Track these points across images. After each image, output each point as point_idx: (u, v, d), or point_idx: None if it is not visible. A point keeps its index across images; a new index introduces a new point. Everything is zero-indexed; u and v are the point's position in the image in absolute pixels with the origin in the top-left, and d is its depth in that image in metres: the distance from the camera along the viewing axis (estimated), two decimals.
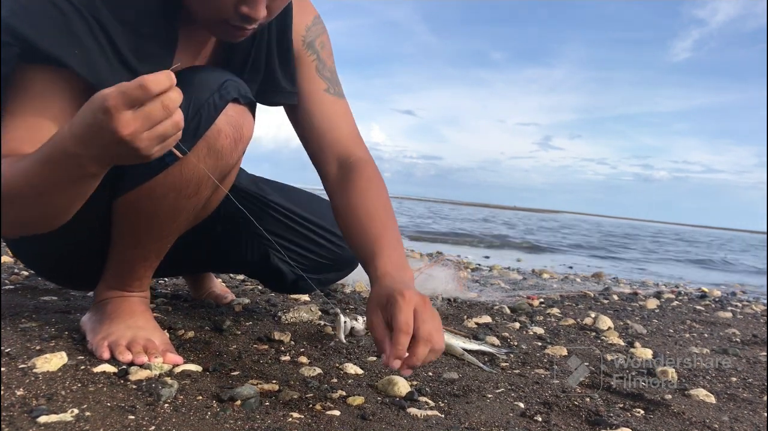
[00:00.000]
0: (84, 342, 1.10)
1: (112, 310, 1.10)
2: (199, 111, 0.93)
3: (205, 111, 0.94)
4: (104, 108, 0.73)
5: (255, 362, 1.15)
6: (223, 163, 1.00)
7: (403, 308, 0.87)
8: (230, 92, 0.97)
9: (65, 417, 0.77)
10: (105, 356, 1.01)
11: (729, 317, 2.58)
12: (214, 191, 1.07)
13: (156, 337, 1.08)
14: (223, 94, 0.96)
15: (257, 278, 1.53)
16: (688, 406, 1.17)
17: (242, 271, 1.54)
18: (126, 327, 1.07)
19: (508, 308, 2.11)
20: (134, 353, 1.02)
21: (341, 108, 1.22)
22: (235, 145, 1.00)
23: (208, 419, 0.84)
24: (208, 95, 0.94)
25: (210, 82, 0.95)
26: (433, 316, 0.91)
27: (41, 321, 1.21)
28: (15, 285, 1.65)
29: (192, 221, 1.11)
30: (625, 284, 3.71)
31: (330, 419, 0.89)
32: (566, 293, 2.80)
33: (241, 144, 1.02)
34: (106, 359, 1.01)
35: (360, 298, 1.98)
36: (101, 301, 1.13)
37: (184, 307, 1.54)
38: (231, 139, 0.98)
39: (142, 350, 1.03)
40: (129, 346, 1.03)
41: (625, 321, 2.12)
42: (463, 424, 0.95)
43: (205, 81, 0.95)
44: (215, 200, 1.14)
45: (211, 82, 0.95)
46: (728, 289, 4.45)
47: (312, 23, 1.22)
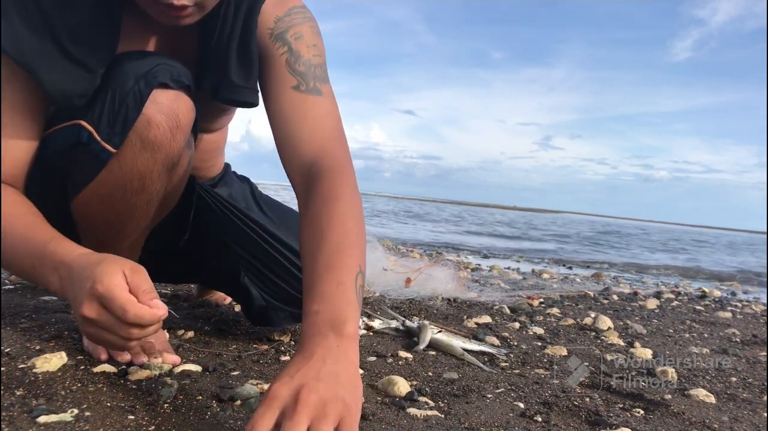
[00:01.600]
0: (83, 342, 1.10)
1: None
2: (124, 101, 0.87)
3: (131, 101, 0.87)
4: (93, 282, 0.76)
5: (255, 362, 1.15)
6: (163, 155, 0.93)
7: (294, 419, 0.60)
8: (158, 77, 0.88)
9: (65, 417, 0.77)
10: (103, 357, 1.01)
11: (729, 317, 2.58)
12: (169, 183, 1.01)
13: (153, 336, 1.06)
14: (149, 80, 0.87)
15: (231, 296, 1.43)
16: (688, 406, 1.17)
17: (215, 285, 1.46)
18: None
19: (508, 308, 2.11)
20: (133, 353, 1.01)
21: (311, 107, 0.99)
22: (172, 133, 0.91)
23: (208, 419, 0.84)
24: (133, 83, 0.87)
25: (137, 68, 0.88)
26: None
27: (41, 321, 1.21)
28: (15, 285, 1.65)
29: (154, 215, 1.06)
30: (625, 284, 3.71)
31: None
32: (566, 293, 2.80)
33: (179, 132, 0.92)
34: (104, 360, 1.00)
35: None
36: None
37: (184, 307, 1.54)
38: (165, 128, 0.90)
39: (141, 350, 1.02)
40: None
41: (624, 321, 2.12)
42: (463, 424, 0.95)
43: (131, 68, 0.88)
44: (173, 191, 1.07)
45: (138, 68, 0.88)
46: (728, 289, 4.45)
47: (284, 14, 1.04)
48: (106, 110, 0.87)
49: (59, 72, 0.84)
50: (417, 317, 1.71)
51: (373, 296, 2.02)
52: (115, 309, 0.75)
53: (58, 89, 0.85)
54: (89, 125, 0.88)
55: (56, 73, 0.84)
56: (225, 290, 1.41)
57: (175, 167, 0.99)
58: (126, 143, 0.89)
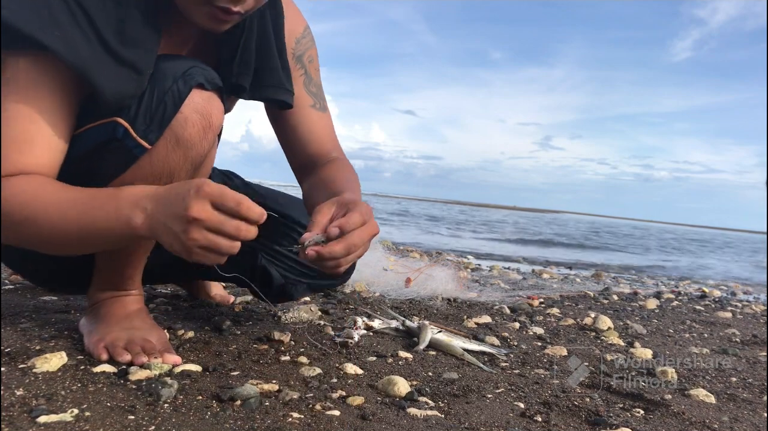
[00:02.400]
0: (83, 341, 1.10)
1: (106, 312, 1.10)
2: (163, 99, 0.91)
3: (170, 99, 0.91)
4: (198, 186, 0.80)
5: (255, 362, 1.15)
6: (194, 153, 0.97)
7: (356, 215, 0.90)
8: (195, 78, 0.93)
9: (65, 417, 0.77)
10: (103, 357, 1.01)
11: (729, 317, 2.58)
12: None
13: (153, 337, 1.07)
14: (187, 80, 0.92)
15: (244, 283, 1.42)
16: (688, 406, 1.17)
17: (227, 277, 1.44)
18: (121, 329, 1.06)
19: (508, 308, 2.11)
20: (133, 354, 1.01)
21: (324, 122, 1.25)
22: (204, 133, 0.96)
23: (208, 419, 0.84)
24: (171, 83, 0.91)
25: (174, 69, 0.93)
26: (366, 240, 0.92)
27: (41, 321, 1.21)
28: (15, 285, 1.65)
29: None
30: (625, 284, 3.72)
31: (330, 419, 0.89)
32: (566, 293, 2.80)
33: (210, 132, 0.97)
34: (104, 359, 1.01)
35: (360, 298, 1.98)
36: (95, 304, 1.12)
37: (184, 307, 1.54)
38: (199, 127, 0.95)
39: (141, 350, 1.02)
40: (126, 347, 1.02)
41: (624, 321, 2.12)
42: (463, 424, 0.95)
43: (168, 68, 0.92)
44: None
45: (175, 69, 0.93)
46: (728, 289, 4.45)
47: (302, 35, 1.22)
48: (143, 107, 0.90)
49: (113, 76, 0.87)
50: (417, 317, 1.71)
51: (373, 296, 2.02)
52: (228, 202, 0.80)
53: (113, 93, 0.87)
54: (125, 122, 0.90)
55: (110, 77, 0.87)
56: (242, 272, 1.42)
57: (200, 166, 1.02)
58: (161, 140, 0.92)
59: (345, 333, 1.36)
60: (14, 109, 0.85)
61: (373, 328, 1.48)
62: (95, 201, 0.86)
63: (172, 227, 0.81)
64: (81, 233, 0.86)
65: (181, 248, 0.82)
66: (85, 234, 0.86)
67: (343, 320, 1.57)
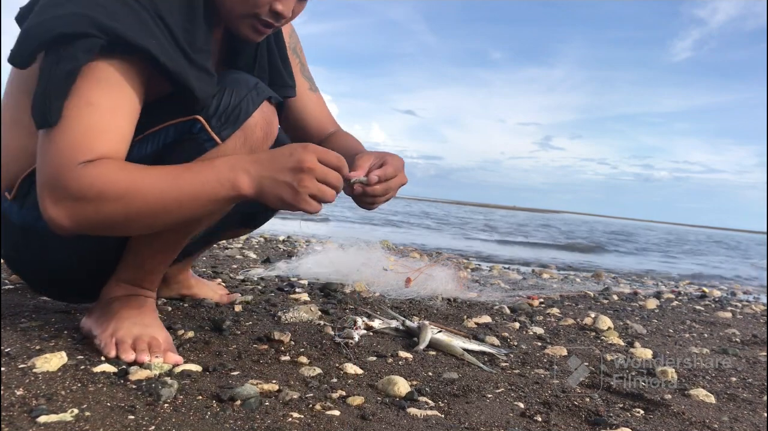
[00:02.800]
0: (83, 341, 1.10)
1: (120, 307, 1.12)
2: (240, 104, 1.03)
3: (245, 104, 1.04)
4: (304, 146, 0.96)
5: (255, 362, 1.15)
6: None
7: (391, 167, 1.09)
8: (265, 92, 1.08)
9: (65, 416, 0.78)
10: (112, 353, 1.03)
11: (729, 317, 2.58)
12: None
13: (160, 336, 1.09)
14: (259, 92, 1.06)
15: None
16: (688, 406, 1.17)
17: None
18: (132, 324, 1.09)
19: (508, 308, 2.11)
20: (138, 350, 1.03)
21: (320, 101, 1.45)
22: (266, 139, 1.08)
23: (208, 419, 0.84)
24: (246, 92, 1.05)
25: (247, 81, 1.07)
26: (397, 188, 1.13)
27: (41, 321, 1.21)
28: (15, 285, 1.65)
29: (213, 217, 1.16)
30: (625, 284, 3.72)
31: (330, 419, 0.89)
32: (566, 293, 2.80)
33: (269, 140, 1.10)
34: (112, 356, 1.02)
35: (360, 298, 1.98)
36: (110, 299, 1.14)
37: (184, 307, 1.54)
38: (264, 133, 1.07)
39: (146, 347, 1.04)
40: (134, 343, 1.05)
41: (624, 321, 2.12)
42: (463, 424, 0.95)
43: (243, 80, 1.07)
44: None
45: (248, 81, 1.07)
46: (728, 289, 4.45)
47: (291, 31, 1.41)
48: (220, 108, 1.02)
49: (198, 80, 0.99)
50: (417, 317, 1.71)
51: (373, 296, 2.02)
52: (331, 157, 0.97)
53: (203, 94, 1.00)
54: (204, 119, 1.02)
55: (197, 80, 0.99)
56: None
57: None
58: (231, 138, 1.03)
59: (345, 333, 1.37)
60: (101, 102, 0.92)
61: (373, 328, 1.48)
62: (188, 172, 0.95)
63: (285, 179, 0.94)
64: (180, 200, 0.94)
65: (292, 196, 0.94)
66: (185, 200, 0.94)
67: (343, 321, 1.57)
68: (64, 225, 0.91)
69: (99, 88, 0.92)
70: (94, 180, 0.89)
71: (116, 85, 0.94)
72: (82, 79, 0.90)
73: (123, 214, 0.92)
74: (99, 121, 0.92)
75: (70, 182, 0.89)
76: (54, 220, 0.90)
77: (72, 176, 0.88)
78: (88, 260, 1.14)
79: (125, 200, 0.91)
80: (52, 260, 1.12)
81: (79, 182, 0.89)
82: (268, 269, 2.41)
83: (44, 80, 0.90)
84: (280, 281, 2.17)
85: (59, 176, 0.89)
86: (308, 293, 1.95)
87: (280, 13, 1.05)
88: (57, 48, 0.89)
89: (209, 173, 0.95)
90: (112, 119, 0.93)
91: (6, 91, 1.13)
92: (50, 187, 0.90)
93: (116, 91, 0.94)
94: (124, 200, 0.91)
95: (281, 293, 1.94)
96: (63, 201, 0.89)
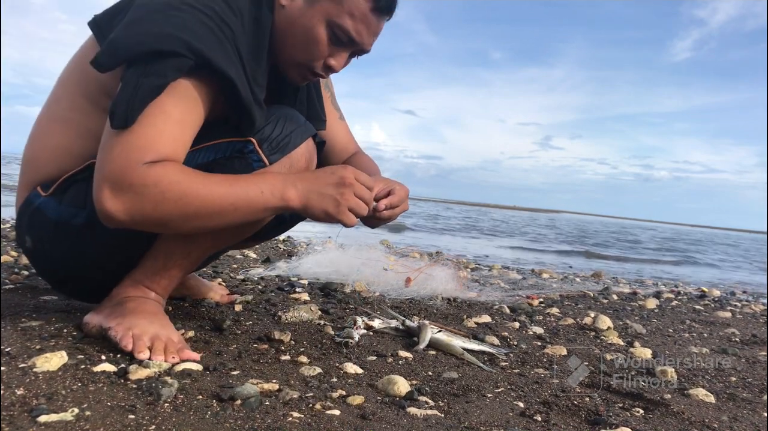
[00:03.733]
0: (84, 340, 1.10)
1: (134, 307, 1.14)
2: (290, 134, 1.15)
3: (294, 137, 1.16)
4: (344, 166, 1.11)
5: (255, 361, 1.15)
6: None
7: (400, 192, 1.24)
8: (311, 130, 1.20)
9: (65, 416, 0.78)
10: (129, 346, 1.05)
11: (728, 317, 2.58)
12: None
13: (175, 337, 1.11)
14: (307, 129, 1.19)
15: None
16: (688, 406, 1.17)
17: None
18: (149, 323, 1.11)
19: (508, 307, 2.11)
20: (155, 350, 1.05)
21: (347, 128, 1.57)
22: (307, 170, 1.19)
23: (208, 418, 0.84)
24: (296, 126, 1.17)
25: (298, 118, 1.20)
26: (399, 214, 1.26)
27: (41, 321, 1.21)
28: (15, 285, 1.65)
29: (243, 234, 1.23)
30: (625, 284, 3.72)
31: (330, 418, 0.89)
32: (566, 292, 2.80)
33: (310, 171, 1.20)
34: (129, 350, 1.04)
35: (360, 298, 1.98)
36: (123, 298, 1.16)
37: (184, 307, 1.54)
38: (306, 164, 1.18)
39: (163, 347, 1.06)
40: (152, 341, 1.06)
41: (624, 321, 2.12)
42: (463, 424, 0.95)
43: (294, 116, 1.20)
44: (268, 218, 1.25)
45: (299, 118, 1.20)
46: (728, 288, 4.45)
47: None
48: (272, 135, 1.14)
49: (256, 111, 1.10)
50: (417, 317, 1.71)
51: (373, 296, 2.02)
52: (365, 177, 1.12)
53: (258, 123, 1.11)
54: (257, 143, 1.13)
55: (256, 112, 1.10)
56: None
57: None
58: (278, 163, 1.13)
59: (345, 333, 1.37)
60: (173, 113, 1.00)
61: (373, 328, 1.49)
62: (243, 181, 1.04)
63: (329, 192, 1.07)
64: (236, 205, 1.02)
65: (335, 208, 1.07)
66: (240, 205, 1.02)
67: (343, 320, 1.57)
68: (118, 218, 0.96)
69: (175, 101, 0.99)
70: (158, 179, 0.95)
71: (191, 101, 1.02)
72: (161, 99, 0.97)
73: (180, 213, 0.98)
74: (168, 128, 0.99)
75: (134, 178, 0.94)
76: (109, 212, 0.95)
77: (137, 173, 0.94)
78: (113, 259, 1.18)
79: (184, 200, 0.97)
80: (78, 257, 1.17)
81: (144, 179, 0.94)
82: (268, 269, 2.42)
83: (130, 88, 0.96)
84: (281, 281, 2.17)
85: (125, 171, 0.94)
86: (308, 293, 1.95)
87: (332, 68, 1.18)
88: (145, 61, 0.96)
89: (262, 184, 1.04)
90: (179, 128, 1.00)
91: (57, 94, 1.20)
92: (112, 181, 0.94)
93: (189, 106, 1.02)
94: (183, 200, 0.97)
95: (281, 292, 1.94)
96: (123, 195, 0.95)
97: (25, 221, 1.19)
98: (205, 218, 1.01)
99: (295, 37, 1.15)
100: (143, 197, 0.95)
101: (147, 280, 1.18)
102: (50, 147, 1.17)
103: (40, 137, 1.19)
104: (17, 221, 1.23)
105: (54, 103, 1.19)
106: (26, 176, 1.20)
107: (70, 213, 1.13)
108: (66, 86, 1.18)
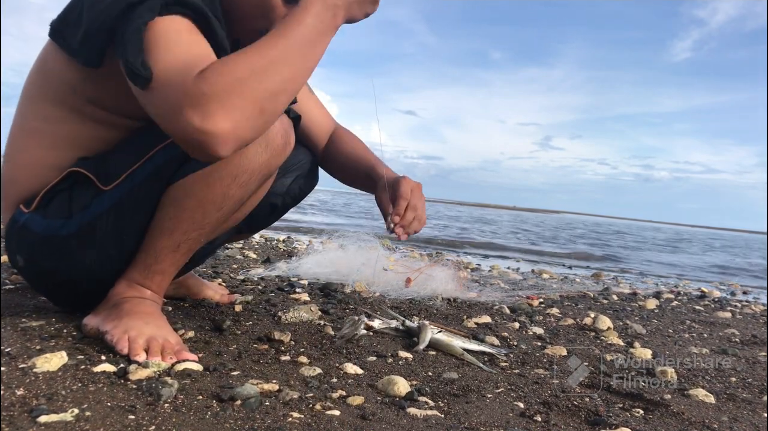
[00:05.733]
0: (84, 341, 1.10)
1: (130, 308, 1.13)
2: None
3: None
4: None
5: (255, 362, 1.15)
6: (274, 162, 1.15)
7: (404, 185, 1.32)
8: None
9: (65, 416, 0.78)
10: (125, 350, 1.04)
11: (728, 317, 2.58)
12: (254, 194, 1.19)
13: (172, 338, 1.10)
14: None
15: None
16: (688, 406, 1.17)
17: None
18: (145, 324, 1.10)
19: (508, 308, 2.11)
20: (151, 351, 1.03)
21: (318, 101, 1.56)
22: (284, 148, 1.15)
23: (208, 419, 0.84)
24: None
25: None
26: (422, 197, 1.35)
27: (41, 321, 1.21)
28: (15, 285, 1.65)
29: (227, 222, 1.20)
30: (625, 284, 3.72)
31: (330, 419, 0.89)
32: (566, 293, 2.80)
33: (287, 148, 1.16)
34: (125, 353, 1.03)
35: (360, 298, 1.98)
36: (119, 299, 1.15)
37: (184, 307, 1.54)
38: (284, 140, 1.14)
39: (160, 349, 1.04)
40: (148, 343, 1.05)
41: (624, 321, 2.12)
42: (463, 424, 0.95)
43: None
44: (249, 205, 1.24)
45: None
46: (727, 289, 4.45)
47: None
48: None
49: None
50: (417, 317, 1.71)
51: (373, 296, 2.02)
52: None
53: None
54: None
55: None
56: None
57: (266, 180, 1.19)
58: (254, 144, 1.07)
59: (345, 333, 1.37)
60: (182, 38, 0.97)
61: (373, 328, 1.49)
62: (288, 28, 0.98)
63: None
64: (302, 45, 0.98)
65: (371, 6, 1.07)
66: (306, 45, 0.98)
67: (343, 320, 1.58)
68: (224, 128, 0.89)
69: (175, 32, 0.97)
70: (222, 75, 0.89)
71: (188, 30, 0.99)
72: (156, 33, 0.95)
73: (262, 85, 0.93)
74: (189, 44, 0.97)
75: (203, 87, 0.88)
76: (211, 131, 0.88)
77: (201, 83, 0.88)
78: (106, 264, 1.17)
79: (257, 74, 0.92)
80: (71, 266, 1.16)
81: (211, 82, 0.88)
82: (268, 269, 2.42)
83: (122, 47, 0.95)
84: (280, 281, 2.17)
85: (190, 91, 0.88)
86: (308, 293, 1.95)
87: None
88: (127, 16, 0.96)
89: (309, 20, 0.99)
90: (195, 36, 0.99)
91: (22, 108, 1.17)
92: (191, 105, 0.88)
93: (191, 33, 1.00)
94: (255, 73, 0.92)
95: (281, 293, 1.94)
96: (208, 106, 0.88)
97: (13, 240, 1.18)
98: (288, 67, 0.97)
99: (250, 5, 1.15)
100: (225, 94, 0.89)
101: (141, 277, 1.17)
102: (24, 164, 1.15)
103: (14, 154, 1.17)
104: (6, 243, 1.21)
105: (20, 118, 1.17)
106: (8, 198, 1.19)
107: (56, 225, 1.12)
108: (30, 98, 1.16)
